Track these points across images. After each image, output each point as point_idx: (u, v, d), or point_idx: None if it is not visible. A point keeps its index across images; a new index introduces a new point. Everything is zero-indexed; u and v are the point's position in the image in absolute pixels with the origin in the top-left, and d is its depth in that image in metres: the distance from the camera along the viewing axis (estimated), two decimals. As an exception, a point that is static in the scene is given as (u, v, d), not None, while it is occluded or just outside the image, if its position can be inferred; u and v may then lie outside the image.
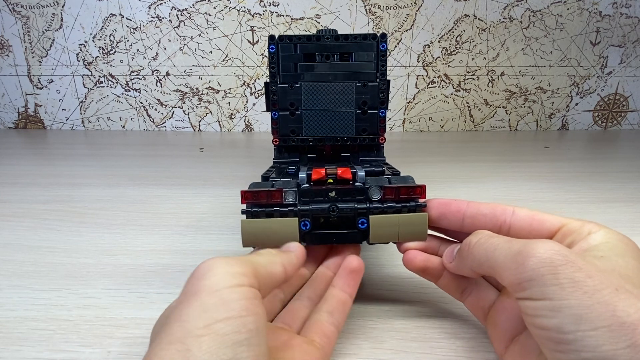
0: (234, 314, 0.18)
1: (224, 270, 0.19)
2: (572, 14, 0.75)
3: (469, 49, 0.76)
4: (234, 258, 0.21)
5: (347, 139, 0.33)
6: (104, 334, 0.28)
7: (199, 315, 0.18)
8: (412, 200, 0.28)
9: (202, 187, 0.53)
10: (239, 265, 0.20)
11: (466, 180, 0.56)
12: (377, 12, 0.73)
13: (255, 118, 0.79)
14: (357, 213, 0.28)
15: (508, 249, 0.21)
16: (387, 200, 0.28)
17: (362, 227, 0.28)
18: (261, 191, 0.28)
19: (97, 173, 0.58)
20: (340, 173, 0.29)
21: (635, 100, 0.83)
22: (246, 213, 0.28)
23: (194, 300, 0.18)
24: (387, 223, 0.28)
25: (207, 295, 0.18)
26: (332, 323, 0.26)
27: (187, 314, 0.18)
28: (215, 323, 0.17)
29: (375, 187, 0.28)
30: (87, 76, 0.76)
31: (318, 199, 0.28)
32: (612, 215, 0.47)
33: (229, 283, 0.19)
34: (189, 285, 0.20)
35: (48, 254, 0.38)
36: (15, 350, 0.27)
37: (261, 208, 0.28)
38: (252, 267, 0.21)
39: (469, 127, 0.82)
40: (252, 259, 0.22)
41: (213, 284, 0.19)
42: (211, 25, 0.73)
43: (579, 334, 0.17)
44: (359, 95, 0.33)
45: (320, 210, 0.28)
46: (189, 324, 0.17)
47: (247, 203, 0.28)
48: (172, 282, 0.34)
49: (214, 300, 0.18)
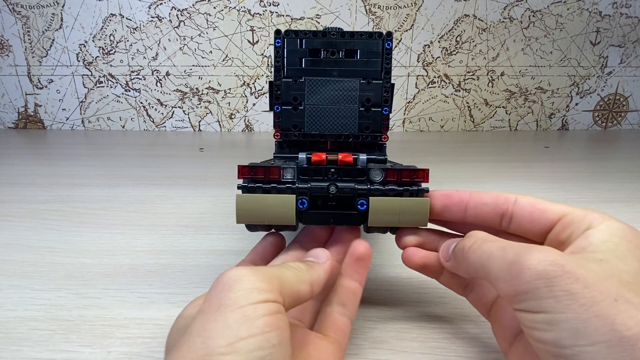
0: (257, 331, 0.18)
1: (250, 285, 0.19)
2: (572, 14, 0.75)
3: (469, 49, 0.76)
4: (261, 271, 0.20)
5: (349, 135, 0.33)
6: (104, 334, 0.28)
7: (222, 332, 0.17)
8: (414, 185, 0.28)
9: (202, 187, 0.53)
10: (265, 281, 0.20)
11: (466, 180, 0.56)
12: (377, 12, 0.73)
13: (255, 118, 0.79)
14: (357, 194, 0.27)
15: (502, 257, 0.20)
16: (388, 182, 0.28)
17: (361, 208, 0.28)
18: (259, 166, 0.27)
19: (97, 173, 0.58)
20: (341, 158, 0.29)
21: (635, 100, 0.83)
22: (242, 188, 0.27)
23: (218, 314, 0.18)
24: (388, 206, 0.27)
25: (231, 311, 0.18)
26: (345, 314, 0.25)
27: (211, 329, 0.18)
28: (238, 341, 0.17)
29: (377, 169, 0.28)
30: (87, 76, 0.76)
31: (317, 178, 0.28)
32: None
33: (254, 299, 0.19)
34: (214, 296, 0.19)
35: (48, 254, 0.38)
36: (15, 351, 0.27)
37: (258, 184, 0.27)
38: (278, 283, 0.20)
39: (469, 127, 0.82)
40: (279, 273, 0.21)
41: (238, 298, 0.19)
42: (211, 25, 0.73)
43: (576, 349, 0.17)
44: (362, 93, 0.33)
45: (318, 189, 0.27)
46: (212, 342, 0.17)
47: (243, 178, 0.27)
48: (172, 282, 0.34)
49: (237, 316, 0.18)
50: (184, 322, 0.22)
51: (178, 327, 0.23)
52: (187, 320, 0.22)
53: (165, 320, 0.30)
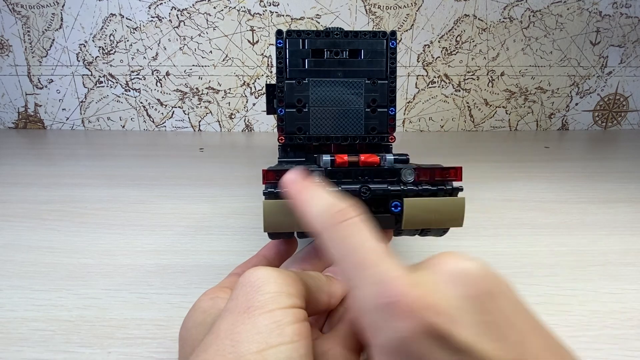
0: (287, 340, 0.17)
1: (277, 287, 0.19)
2: (572, 14, 0.75)
3: (469, 49, 0.76)
4: (286, 274, 0.20)
5: (355, 137, 0.32)
6: (104, 335, 0.28)
7: (252, 338, 0.17)
8: (447, 184, 0.27)
9: (202, 187, 0.53)
10: (292, 285, 0.19)
11: (466, 180, 0.56)
12: (377, 12, 0.73)
13: (255, 118, 0.79)
14: (391, 195, 0.26)
15: None
16: (420, 182, 0.26)
17: (395, 210, 0.26)
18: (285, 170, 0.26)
19: (97, 173, 0.58)
20: (364, 159, 0.27)
21: (635, 100, 0.83)
22: (268, 194, 0.25)
23: (247, 317, 0.18)
24: (422, 207, 0.26)
25: (261, 314, 0.18)
26: None
27: (240, 332, 0.17)
28: (268, 349, 0.17)
29: (409, 168, 0.26)
30: (87, 76, 0.76)
31: (346, 180, 0.26)
32: (613, 215, 0.47)
33: (283, 304, 0.18)
34: (241, 295, 0.19)
35: (48, 254, 0.38)
36: (15, 351, 0.27)
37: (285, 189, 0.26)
38: (304, 288, 0.20)
39: (469, 127, 0.82)
40: (303, 278, 0.21)
41: (267, 301, 0.18)
42: (211, 25, 0.73)
43: None
44: (368, 93, 0.32)
45: (351, 191, 0.26)
46: (242, 347, 0.17)
47: (268, 183, 0.26)
48: (172, 283, 0.34)
49: (267, 322, 0.18)
50: (202, 316, 0.22)
51: (196, 321, 0.22)
52: (207, 316, 0.21)
53: (165, 321, 0.30)
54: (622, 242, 0.41)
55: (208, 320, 0.21)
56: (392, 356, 0.16)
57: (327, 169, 0.26)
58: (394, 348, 0.15)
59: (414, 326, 0.15)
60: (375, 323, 0.16)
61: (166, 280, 0.34)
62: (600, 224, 0.45)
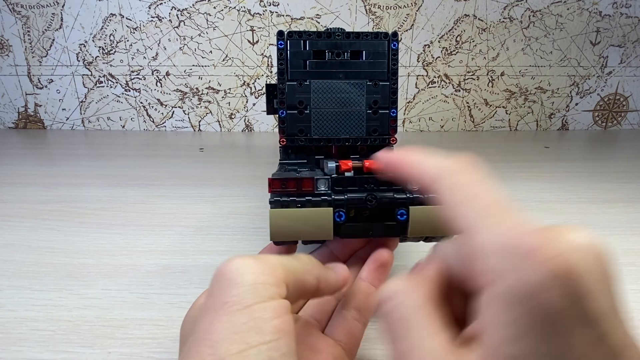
0: (267, 339, 0.17)
1: (254, 278, 0.18)
2: (572, 14, 0.75)
3: (469, 49, 0.76)
4: (264, 260, 0.19)
5: (357, 139, 0.32)
6: (105, 335, 0.28)
7: (230, 338, 0.17)
8: None
9: (202, 187, 0.53)
10: (270, 273, 0.19)
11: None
12: (377, 12, 0.73)
13: (255, 118, 0.79)
14: (397, 203, 0.26)
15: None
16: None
17: (401, 218, 0.26)
18: (290, 179, 0.26)
19: (97, 173, 0.58)
20: (368, 165, 0.27)
21: (635, 100, 0.83)
22: (274, 203, 0.25)
23: (223, 315, 0.17)
24: (428, 215, 0.26)
25: (238, 310, 0.17)
26: (360, 320, 0.25)
27: (217, 332, 0.17)
28: (248, 349, 0.16)
29: None
30: (87, 76, 0.76)
31: (352, 188, 0.26)
32: (612, 215, 0.47)
33: (261, 297, 0.18)
34: (216, 290, 0.18)
35: (48, 255, 0.38)
36: (15, 351, 0.27)
37: (291, 197, 0.26)
38: (283, 272, 0.19)
39: (469, 127, 0.82)
40: (285, 262, 0.20)
41: (243, 295, 0.17)
42: (211, 25, 0.73)
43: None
44: (369, 95, 0.32)
45: (356, 200, 0.26)
46: (221, 348, 0.16)
47: (274, 192, 0.26)
48: (172, 283, 0.34)
49: (245, 319, 0.17)
50: (197, 312, 0.22)
51: (191, 316, 0.22)
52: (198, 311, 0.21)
53: (165, 321, 0.30)
54: (622, 242, 0.41)
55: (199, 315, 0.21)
56: (513, 305, 0.14)
57: (332, 176, 0.26)
58: (520, 295, 0.14)
59: (553, 273, 0.13)
60: (502, 266, 0.14)
61: (166, 280, 0.34)
62: (600, 224, 0.45)
